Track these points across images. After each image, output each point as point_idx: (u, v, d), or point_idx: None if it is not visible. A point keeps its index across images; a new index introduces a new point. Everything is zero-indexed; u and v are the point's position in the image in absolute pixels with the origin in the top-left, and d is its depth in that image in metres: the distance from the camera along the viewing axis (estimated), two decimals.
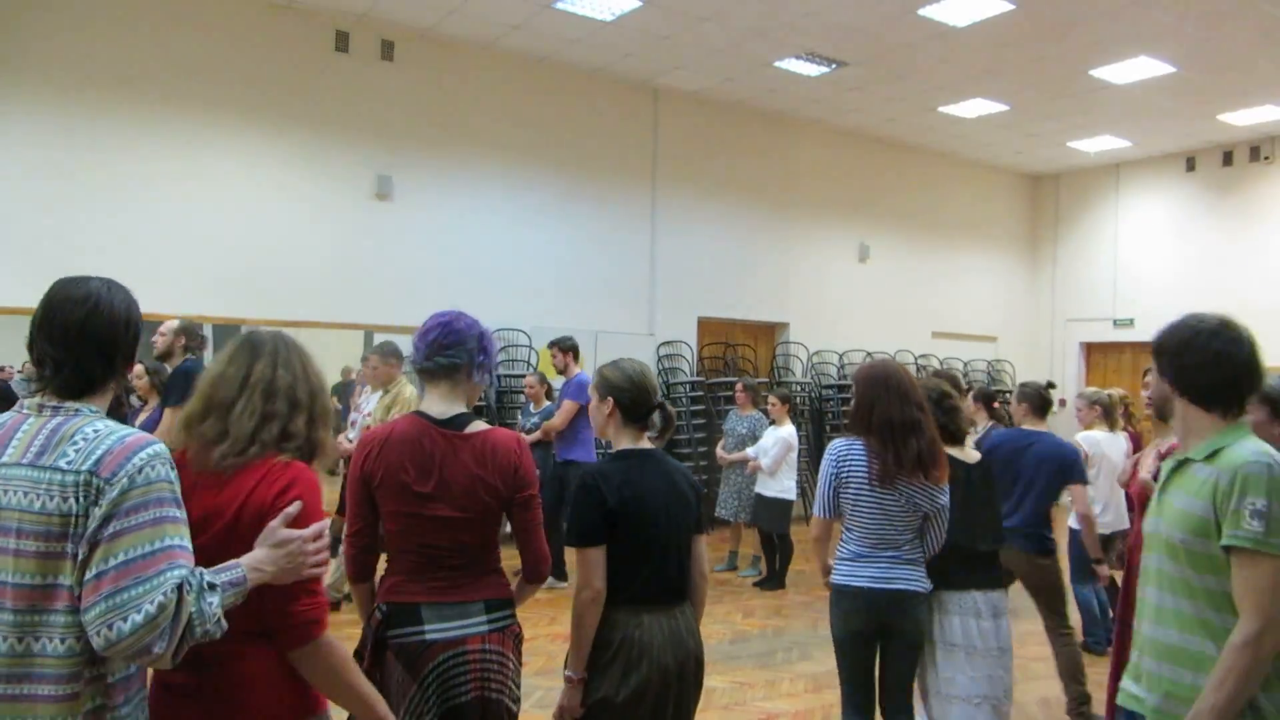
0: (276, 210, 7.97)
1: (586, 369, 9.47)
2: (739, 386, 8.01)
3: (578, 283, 9.53)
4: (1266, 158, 11.24)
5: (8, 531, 1.61)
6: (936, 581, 3.28)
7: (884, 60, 8.91)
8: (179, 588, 1.59)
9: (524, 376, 8.96)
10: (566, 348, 7.24)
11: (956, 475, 3.31)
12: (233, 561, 1.71)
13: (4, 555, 1.61)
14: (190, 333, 5.47)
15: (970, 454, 3.55)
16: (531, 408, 7.42)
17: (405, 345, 8.36)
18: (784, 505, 7.26)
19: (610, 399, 2.68)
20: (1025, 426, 4.75)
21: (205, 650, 1.70)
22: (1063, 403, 12.46)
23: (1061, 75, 9.17)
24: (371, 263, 8.38)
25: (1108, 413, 5.97)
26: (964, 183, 12.81)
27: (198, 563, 1.68)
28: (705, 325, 10.52)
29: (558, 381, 7.65)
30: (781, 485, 7.27)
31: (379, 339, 8.35)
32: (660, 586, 2.59)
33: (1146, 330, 12.16)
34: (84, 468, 1.61)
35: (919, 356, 12.06)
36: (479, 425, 2.45)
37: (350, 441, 5.89)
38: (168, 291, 7.44)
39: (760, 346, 11.15)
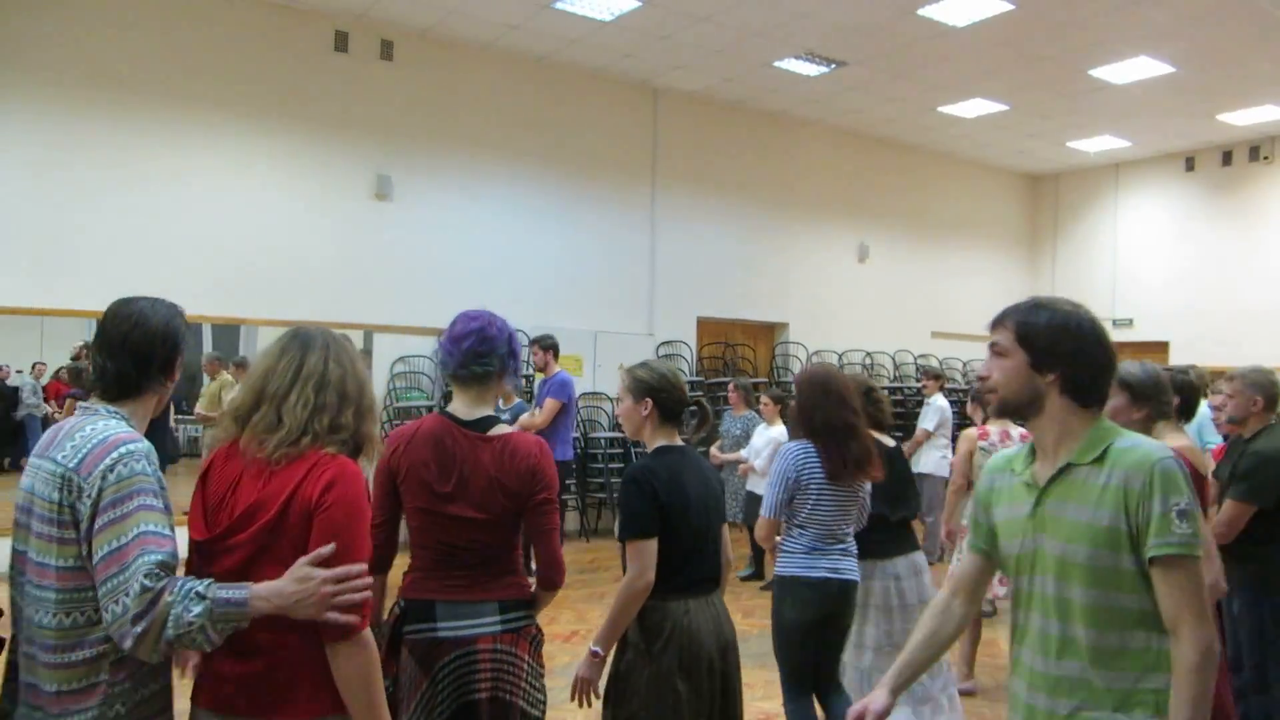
0: (275, 210, 7.97)
1: (584, 368, 9.48)
2: (731, 387, 8.00)
3: (577, 282, 9.53)
4: (1266, 157, 11.24)
5: (29, 512, 1.86)
6: (864, 552, 3.60)
7: (884, 60, 8.92)
8: (159, 575, 1.71)
9: (522, 377, 8.96)
10: (547, 346, 7.11)
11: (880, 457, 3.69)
12: (243, 584, 1.76)
13: (28, 532, 1.85)
14: None
15: (887, 440, 3.90)
16: (501, 404, 7.13)
17: (406, 344, 8.40)
18: None
19: (649, 400, 2.74)
20: None
21: (251, 640, 1.79)
22: None
23: (1061, 75, 9.17)
24: (371, 262, 8.38)
25: None
26: (963, 182, 12.82)
27: (246, 553, 1.80)
28: (704, 325, 10.52)
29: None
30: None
31: (379, 339, 8.37)
32: (700, 575, 2.74)
33: (1145, 330, 12.18)
34: (70, 465, 1.80)
35: (918, 356, 12.06)
36: (502, 428, 2.47)
37: None
38: (166, 291, 7.39)
39: (759, 346, 11.15)
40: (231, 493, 1.87)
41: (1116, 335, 12.48)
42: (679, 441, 2.81)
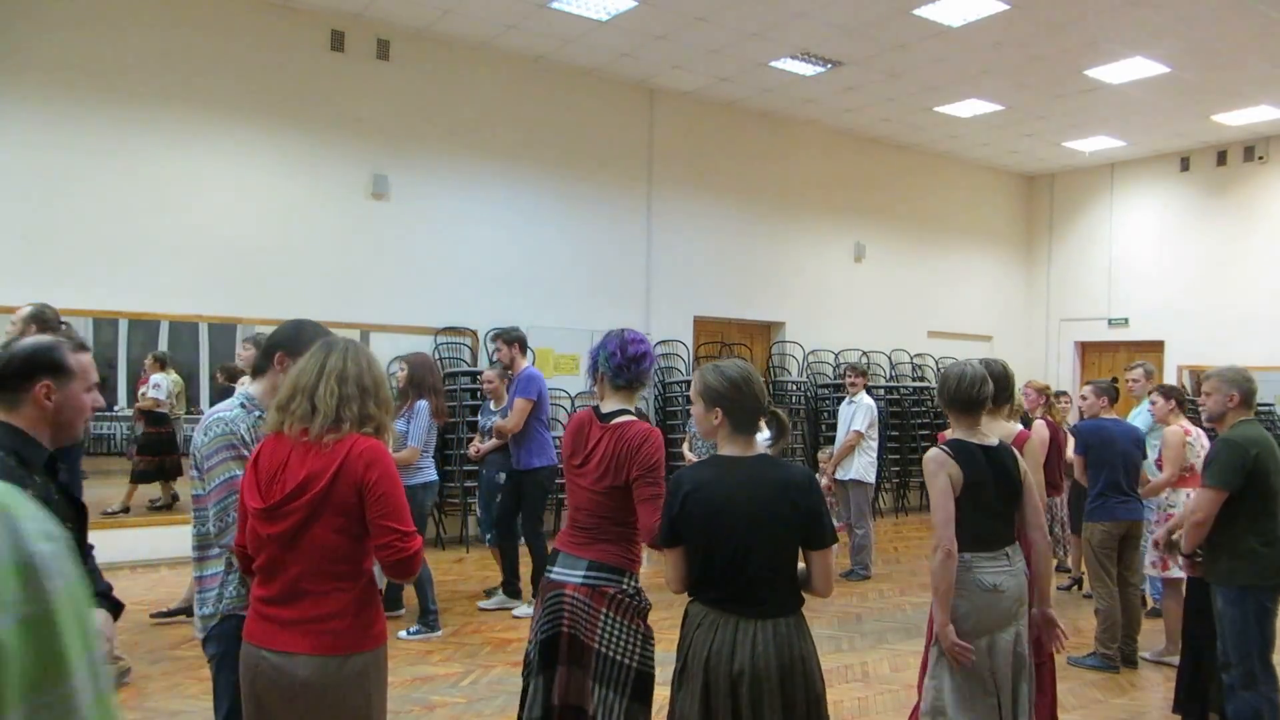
0: (272, 209, 7.97)
1: (582, 367, 9.47)
2: None
3: (573, 281, 9.53)
4: (1260, 157, 11.27)
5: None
6: None
7: (879, 60, 8.93)
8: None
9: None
10: (511, 339, 6.42)
11: None
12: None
13: None
14: (44, 320, 5.07)
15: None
16: (491, 405, 6.70)
17: (402, 343, 8.39)
18: None
19: (717, 409, 2.63)
20: (1103, 416, 5.69)
21: (299, 588, 2.29)
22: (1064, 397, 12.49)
23: (1056, 75, 9.19)
24: (367, 261, 8.38)
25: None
26: (959, 182, 12.84)
27: (301, 516, 2.28)
28: (701, 324, 10.53)
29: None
30: None
31: (376, 338, 8.37)
32: (735, 594, 2.55)
33: (1141, 330, 12.21)
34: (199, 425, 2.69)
35: (914, 355, 12.08)
36: (624, 418, 2.98)
37: None
38: (162, 291, 7.44)
39: (756, 346, 11.16)
40: (282, 469, 2.31)
41: (1111, 335, 12.55)
42: (755, 451, 2.65)
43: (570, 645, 2.88)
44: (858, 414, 7.70)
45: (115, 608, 2.41)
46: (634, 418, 2.98)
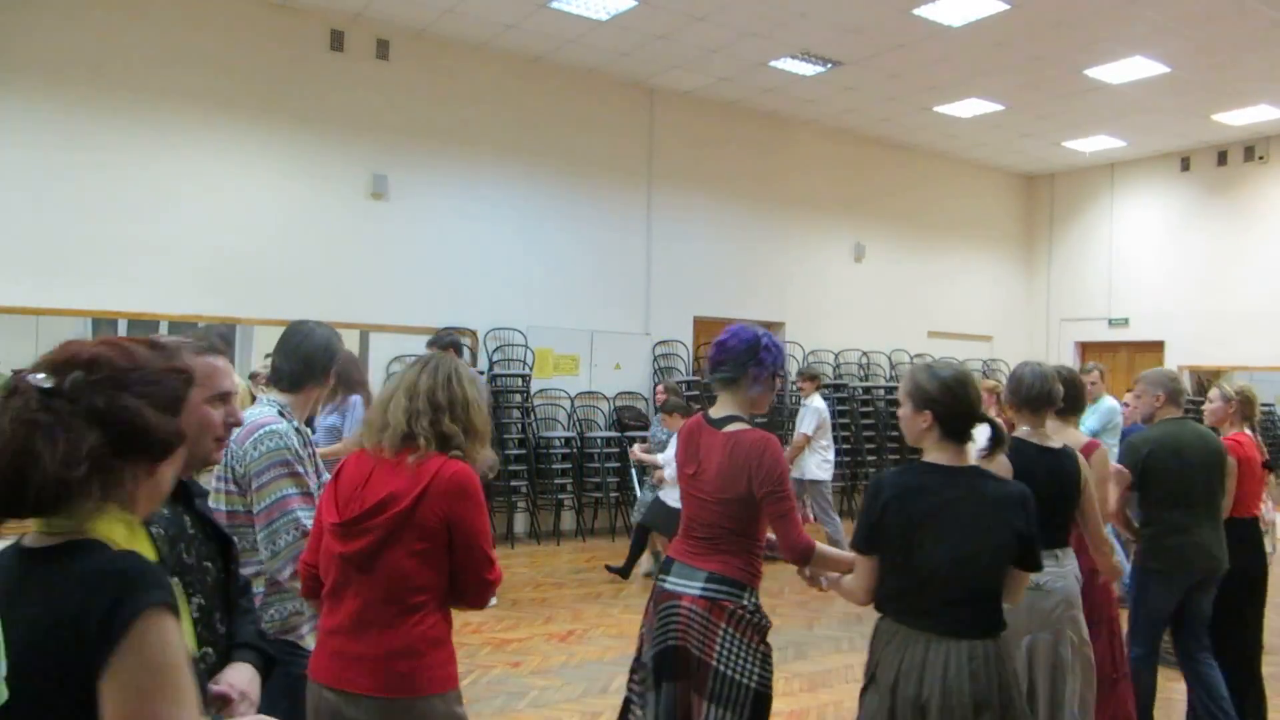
0: (271, 209, 7.96)
1: (580, 367, 9.48)
2: (659, 388, 7.78)
3: (573, 281, 9.53)
4: (1261, 157, 11.26)
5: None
6: None
7: (879, 60, 8.93)
8: (301, 541, 2.39)
9: (518, 376, 8.97)
10: (444, 345, 6.17)
11: None
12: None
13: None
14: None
15: None
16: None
17: (402, 343, 8.39)
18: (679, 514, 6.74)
19: (928, 412, 2.47)
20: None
21: (367, 616, 2.14)
22: None
23: (1056, 75, 9.18)
24: (367, 261, 8.37)
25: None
26: (959, 182, 12.83)
27: (379, 535, 2.14)
28: (701, 324, 10.52)
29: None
30: (674, 495, 6.01)
31: (375, 338, 8.37)
32: (931, 610, 2.40)
33: (1141, 330, 12.20)
34: (233, 439, 2.42)
35: (914, 356, 12.08)
36: (737, 425, 2.82)
37: None
38: (161, 291, 7.43)
39: None
40: (363, 486, 2.21)
41: (1111, 335, 12.55)
42: (967, 461, 2.48)
43: (686, 660, 2.72)
44: (805, 417, 8.02)
45: (267, 662, 1.88)
46: (745, 425, 2.80)
